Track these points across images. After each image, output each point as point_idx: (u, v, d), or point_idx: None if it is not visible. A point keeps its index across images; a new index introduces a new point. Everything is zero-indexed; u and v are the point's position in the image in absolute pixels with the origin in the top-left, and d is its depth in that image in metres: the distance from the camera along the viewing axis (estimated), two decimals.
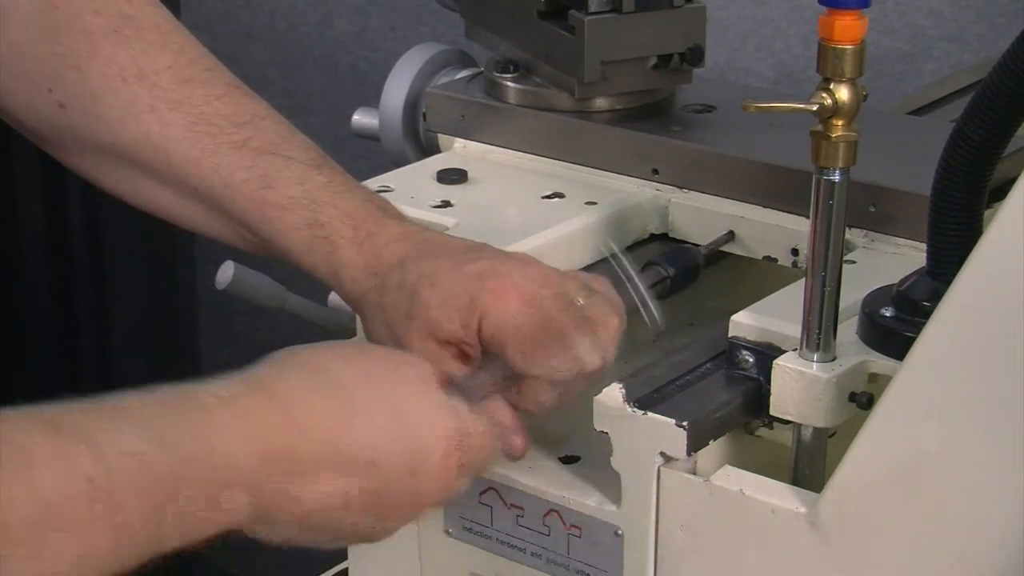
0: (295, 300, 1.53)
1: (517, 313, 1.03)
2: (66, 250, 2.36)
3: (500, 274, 1.04)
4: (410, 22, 2.28)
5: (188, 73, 1.14)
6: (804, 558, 0.98)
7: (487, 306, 1.03)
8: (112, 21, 1.14)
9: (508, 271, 1.04)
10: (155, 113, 1.13)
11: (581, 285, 1.06)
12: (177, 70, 1.13)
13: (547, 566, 1.10)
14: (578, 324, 1.03)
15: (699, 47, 1.32)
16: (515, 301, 1.03)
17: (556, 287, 1.04)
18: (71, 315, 2.39)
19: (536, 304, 1.03)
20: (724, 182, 1.26)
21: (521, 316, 1.02)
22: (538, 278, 1.05)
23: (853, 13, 0.93)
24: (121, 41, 1.13)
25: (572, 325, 1.03)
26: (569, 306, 1.04)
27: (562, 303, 1.03)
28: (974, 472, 0.90)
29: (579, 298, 1.05)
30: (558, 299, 1.04)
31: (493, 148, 1.37)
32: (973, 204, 0.98)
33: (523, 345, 1.02)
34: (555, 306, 1.03)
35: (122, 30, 1.13)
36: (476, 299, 1.03)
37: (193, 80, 1.14)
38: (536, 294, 1.03)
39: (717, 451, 1.04)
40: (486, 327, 1.03)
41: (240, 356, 1.00)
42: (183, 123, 1.12)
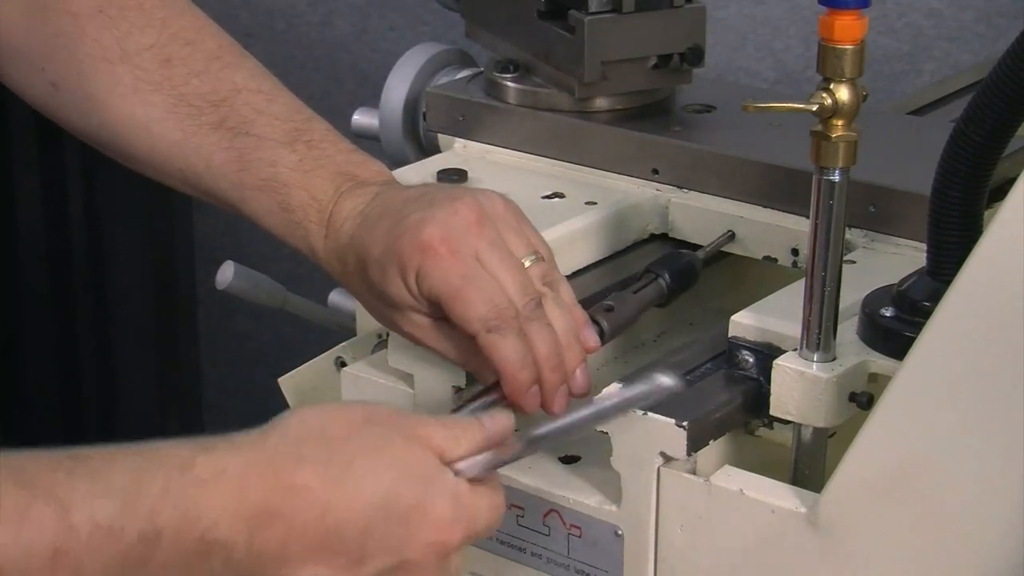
0: (295, 300, 1.53)
1: (446, 269, 1.00)
2: (66, 250, 2.36)
3: (427, 225, 1.01)
4: (410, 22, 2.28)
5: (168, 51, 1.14)
6: (804, 558, 0.98)
7: (417, 264, 1.01)
8: (97, 1, 1.15)
9: (438, 221, 1.01)
10: (138, 94, 1.14)
11: (531, 250, 1.04)
12: (158, 48, 1.14)
13: (547, 566, 1.10)
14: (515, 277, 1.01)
15: (699, 47, 1.32)
16: (444, 256, 1.01)
17: (491, 236, 1.02)
18: (71, 315, 2.39)
19: (467, 255, 1.01)
20: (724, 182, 1.26)
21: (449, 270, 1.00)
22: (471, 226, 1.02)
23: (853, 13, 0.93)
24: (106, 22, 1.14)
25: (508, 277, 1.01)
26: (507, 259, 1.02)
27: (500, 256, 1.02)
28: (974, 472, 0.90)
29: (525, 260, 1.03)
30: (495, 249, 1.02)
31: (493, 148, 1.37)
32: (973, 204, 0.98)
33: (454, 301, 1.00)
34: (491, 260, 1.01)
35: (106, 10, 1.14)
36: (406, 261, 1.01)
37: (173, 58, 1.14)
38: (468, 245, 1.01)
39: (717, 451, 1.04)
40: (421, 286, 1.01)
41: (240, 356, 1.00)
42: (164, 105, 1.13)
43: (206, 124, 1.12)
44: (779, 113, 0.99)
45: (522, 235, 1.05)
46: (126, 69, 1.14)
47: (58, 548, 0.81)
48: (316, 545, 0.89)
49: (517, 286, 1.02)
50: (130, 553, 0.83)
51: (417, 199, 1.05)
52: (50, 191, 2.32)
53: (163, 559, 0.84)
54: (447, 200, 1.04)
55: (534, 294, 1.03)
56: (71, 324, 2.39)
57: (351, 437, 0.91)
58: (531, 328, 1.02)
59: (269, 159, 1.11)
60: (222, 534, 0.86)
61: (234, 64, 1.16)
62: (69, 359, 2.41)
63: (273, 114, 1.13)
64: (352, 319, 1.32)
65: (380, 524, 0.90)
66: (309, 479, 0.88)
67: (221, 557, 0.86)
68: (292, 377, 1.33)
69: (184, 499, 0.85)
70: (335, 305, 1.48)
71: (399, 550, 0.91)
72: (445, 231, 1.01)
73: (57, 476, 0.83)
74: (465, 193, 1.05)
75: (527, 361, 1.01)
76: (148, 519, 0.84)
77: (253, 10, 2.38)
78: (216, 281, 1.48)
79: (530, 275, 1.04)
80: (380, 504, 0.89)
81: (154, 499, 0.84)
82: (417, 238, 1.01)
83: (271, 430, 0.91)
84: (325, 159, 1.11)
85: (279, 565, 0.88)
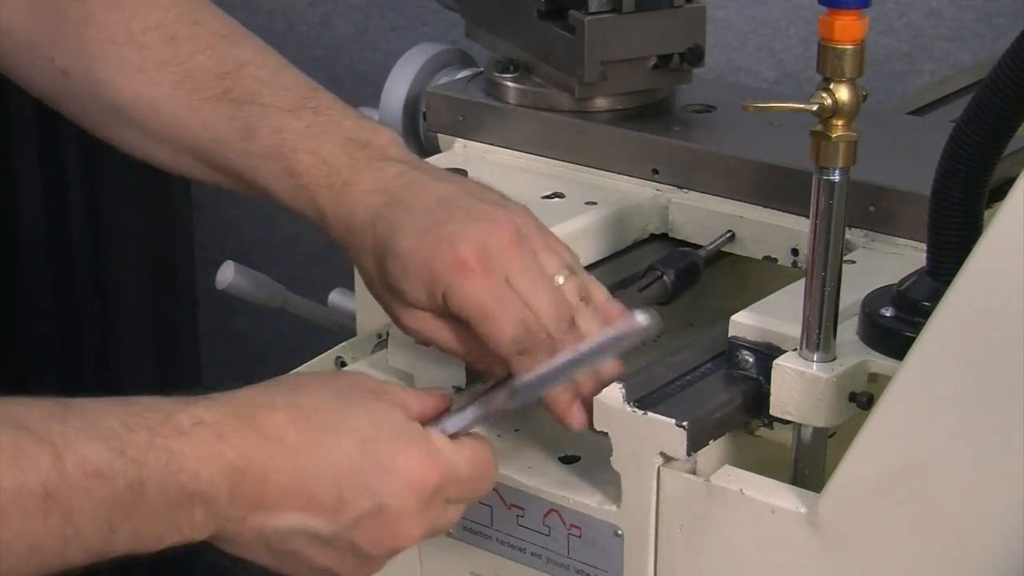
0: (295, 300, 1.53)
1: (479, 288, 1.00)
2: (66, 250, 2.36)
3: (463, 242, 1.00)
4: (410, 22, 2.28)
5: (174, 30, 1.14)
6: (804, 558, 0.98)
7: (448, 280, 1.00)
8: None
9: (473, 238, 1.01)
10: (145, 74, 1.14)
11: (563, 265, 1.04)
12: (164, 28, 1.14)
13: (547, 566, 1.10)
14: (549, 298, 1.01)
15: (699, 47, 1.32)
16: (477, 276, 1.00)
17: (526, 257, 1.01)
18: (71, 315, 2.39)
19: (500, 275, 1.00)
20: (724, 182, 1.26)
21: (482, 290, 1.00)
22: (507, 247, 1.01)
23: (853, 13, 0.93)
24: (113, 5, 1.15)
25: (542, 299, 1.00)
26: (541, 280, 1.01)
27: (533, 277, 1.01)
28: (974, 472, 0.90)
29: (559, 276, 1.03)
30: (528, 271, 1.01)
31: (493, 148, 1.37)
32: (973, 204, 0.98)
33: (486, 322, 1.00)
34: (523, 281, 1.01)
35: None
36: (437, 274, 1.00)
37: (178, 36, 1.14)
38: (502, 266, 1.00)
39: (717, 451, 1.04)
40: (450, 302, 1.01)
41: (240, 356, 1.00)
42: (171, 82, 1.13)
43: (211, 97, 1.12)
44: (779, 113, 0.99)
45: (553, 251, 1.05)
46: (132, 50, 1.14)
47: (49, 491, 0.84)
48: (291, 492, 0.92)
49: (550, 308, 1.01)
50: (118, 500, 0.86)
51: (451, 203, 1.04)
52: (50, 190, 2.32)
53: (149, 508, 0.87)
54: (483, 217, 1.02)
55: (566, 314, 1.02)
56: (71, 324, 2.39)
57: (321, 390, 0.95)
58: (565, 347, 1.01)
59: (275, 125, 1.10)
60: (203, 485, 0.89)
61: (240, 42, 1.16)
62: (69, 359, 2.40)
63: (279, 85, 1.13)
64: (352, 319, 1.32)
65: (354, 470, 0.93)
66: (281, 428, 0.92)
67: (203, 507, 0.90)
68: None
69: (166, 451, 0.88)
70: (335, 305, 1.48)
71: (375, 495, 0.93)
72: (481, 250, 1.00)
73: (50, 424, 0.86)
74: (499, 209, 1.04)
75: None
76: (135, 468, 0.87)
77: (253, 10, 2.38)
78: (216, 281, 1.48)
79: (564, 292, 1.03)
80: (353, 450, 0.93)
81: (139, 449, 0.87)
82: (453, 254, 1.00)
83: (246, 388, 0.94)
84: (333, 124, 1.10)
85: (258, 512, 0.91)
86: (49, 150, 2.29)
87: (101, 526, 0.86)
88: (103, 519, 0.86)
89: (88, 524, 0.86)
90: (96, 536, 0.86)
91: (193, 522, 0.90)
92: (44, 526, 0.84)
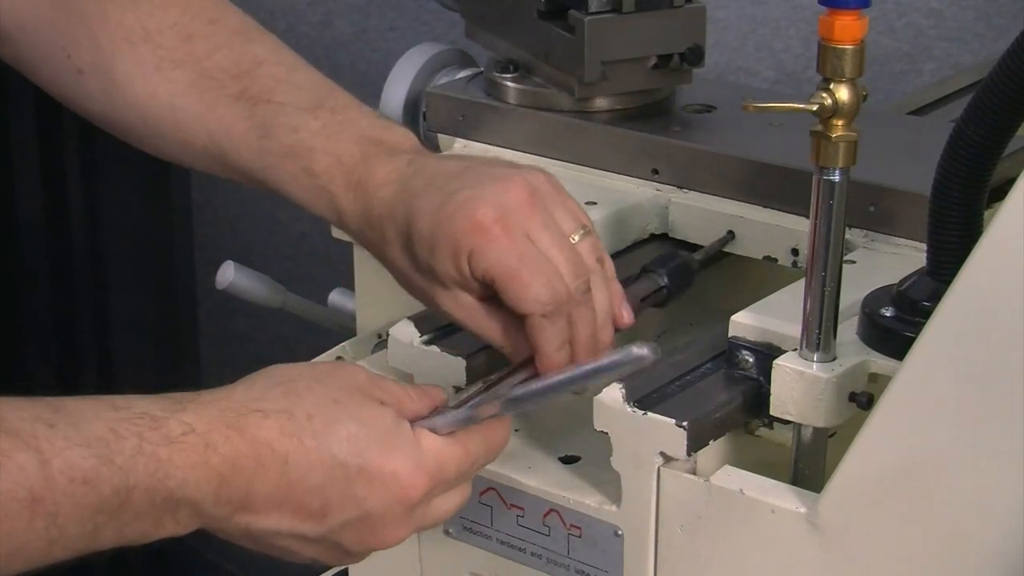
0: (295, 300, 1.53)
1: (502, 250, 0.99)
2: (66, 250, 2.36)
3: (479, 205, 1.00)
4: (410, 22, 2.28)
5: (191, 28, 1.14)
6: (804, 558, 0.98)
7: (470, 245, 0.99)
8: None
9: (489, 200, 1.00)
10: (160, 72, 1.14)
11: (579, 225, 1.03)
12: (181, 27, 1.14)
13: (547, 566, 1.10)
14: (568, 257, 1.00)
15: (699, 47, 1.32)
16: (498, 236, 0.99)
17: (543, 216, 1.01)
18: (71, 315, 2.39)
19: (521, 235, 0.99)
20: (724, 182, 1.26)
21: (505, 251, 0.99)
22: (524, 206, 1.00)
23: (853, 13, 0.93)
24: (129, 4, 1.15)
25: (562, 259, 1.00)
26: (560, 240, 1.01)
27: (553, 236, 1.01)
28: (974, 472, 0.90)
29: (574, 235, 1.02)
30: (547, 230, 1.01)
31: (493, 148, 1.37)
32: (973, 204, 0.98)
33: (511, 283, 0.99)
34: (544, 239, 1.00)
35: None
36: (459, 241, 0.99)
37: (195, 35, 1.14)
38: (521, 226, 1.00)
39: (717, 451, 1.04)
40: (475, 267, 1.00)
41: (240, 356, 1.00)
42: (186, 80, 1.13)
43: (228, 95, 1.12)
44: (779, 113, 0.99)
45: (569, 210, 1.04)
46: (148, 48, 1.14)
47: (36, 496, 0.85)
48: (278, 497, 0.92)
49: (570, 268, 1.00)
50: (104, 505, 0.87)
51: (462, 174, 1.03)
52: (50, 190, 2.32)
53: (134, 511, 0.88)
54: (497, 178, 1.02)
55: (585, 275, 1.01)
56: (71, 324, 2.39)
57: (313, 392, 0.95)
58: (577, 312, 1.01)
59: (292, 125, 1.09)
60: (190, 492, 0.90)
61: (256, 40, 1.16)
62: (69, 359, 2.41)
63: (295, 83, 1.12)
64: (352, 319, 1.32)
65: (339, 478, 0.93)
66: (270, 434, 0.92)
67: (188, 509, 0.90)
68: None
69: (155, 458, 0.88)
70: (335, 305, 1.48)
71: (360, 503, 0.93)
72: (498, 211, 0.99)
73: (38, 428, 0.86)
74: (511, 170, 1.04)
75: (564, 342, 1.01)
76: (122, 474, 0.87)
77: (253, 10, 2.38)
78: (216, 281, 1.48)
79: (580, 251, 1.02)
80: (339, 459, 0.93)
81: (127, 456, 0.88)
82: (471, 218, 0.99)
83: (239, 385, 0.95)
84: (349, 123, 1.10)
85: (243, 513, 0.92)
86: (49, 150, 2.29)
87: (86, 528, 0.87)
88: (88, 521, 0.87)
89: (73, 527, 0.86)
90: (80, 537, 0.87)
91: (177, 521, 0.90)
92: (30, 529, 0.85)
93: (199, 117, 1.13)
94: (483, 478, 1.10)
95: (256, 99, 1.11)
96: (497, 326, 1.03)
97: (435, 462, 0.95)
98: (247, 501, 0.91)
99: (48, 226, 2.34)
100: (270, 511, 0.92)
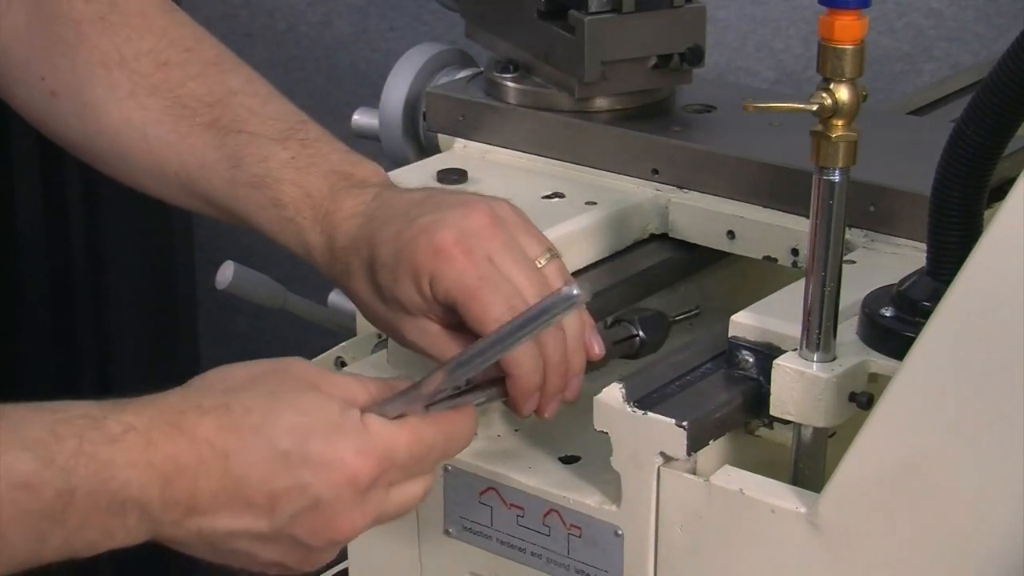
0: (295, 300, 1.53)
1: (461, 271, 0.99)
2: (66, 250, 2.36)
3: (439, 228, 1.00)
4: (410, 22, 2.28)
5: (166, 56, 1.14)
6: (804, 558, 0.98)
7: (431, 268, 0.99)
8: (99, 8, 1.15)
9: (449, 223, 1.00)
10: (135, 99, 1.13)
11: (544, 249, 1.03)
12: (156, 54, 1.14)
13: (547, 566, 1.10)
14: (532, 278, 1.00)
15: (699, 47, 1.32)
16: (458, 258, 0.99)
17: (505, 238, 1.01)
18: (71, 315, 2.39)
19: (482, 257, 0.99)
20: (724, 182, 1.26)
21: (465, 272, 0.99)
22: (485, 229, 1.00)
23: (853, 13, 0.93)
24: (107, 28, 1.14)
25: (524, 280, 0.99)
26: (523, 261, 1.01)
27: (515, 258, 1.00)
28: (974, 472, 0.90)
29: (540, 259, 1.02)
30: (509, 252, 1.00)
31: (493, 148, 1.37)
32: (973, 204, 0.98)
33: (472, 303, 0.98)
34: (507, 261, 1.00)
35: (108, 17, 1.14)
36: (419, 265, 1.00)
37: (170, 63, 1.14)
38: (482, 248, 1.00)
39: (717, 451, 1.04)
40: (436, 290, 1.00)
41: (240, 356, 1.00)
42: (160, 107, 1.13)
43: (200, 124, 1.12)
44: (779, 113, 0.99)
45: (533, 236, 1.04)
46: (123, 74, 1.14)
47: None
48: (224, 495, 0.91)
49: (534, 289, 1.00)
50: (46, 510, 0.85)
51: (424, 201, 1.04)
52: (50, 191, 2.31)
53: (80, 517, 0.87)
54: (458, 204, 1.03)
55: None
56: (71, 324, 2.39)
57: (252, 387, 0.94)
58: (546, 333, 1.00)
59: (261, 155, 1.10)
60: (133, 492, 0.88)
61: (231, 70, 1.15)
62: (69, 359, 2.40)
63: (267, 114, 1.13)
64: (352, 319, 1.32)
65: (283, 469, 0.91)
66: (210, 431, 0.90)
67: (136, 513, 0.89)
68: None
69: (95, 458, 0.87)
70: (335, 305, 1.48)
71: (307, 491, 0.92)
72: (458, 233, 1.00)
73: None
74: (473, 197, 1.05)
75: (537, 365, 1.00)
76: (64, 476, 0.86)
77: (253, 10, 2.39)
78: (216, 281, 1.48)
79: (546, 274, 1.03)
80: (280, 449, 0.91)
81: (67, 457, 0.86)
82: (431, 241, 1.00)
83: (176, 388, 0.94)
84: (319, 157, 1.10)
85: (192, 516, 0.90)
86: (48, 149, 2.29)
87: (29, 536, 0.86)
88: (31, 529, 0.85)
89: (16, 534, 0.85)
90: (24, 546, 0.86)
91: (127, 528, 0.89)
92: None
93: (172, 144, 1.12)
94: (483, 478, 1.10)
95: (227, 128, 1.11)
96: (455, 347, 1.02)
97: (383, 445, 0.93)
98: (194, 502, 0.90)
99: (48, 226, 2.33)
100: (218, 511, 0.91)
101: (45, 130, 1.18)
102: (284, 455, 0.91)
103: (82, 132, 1.16)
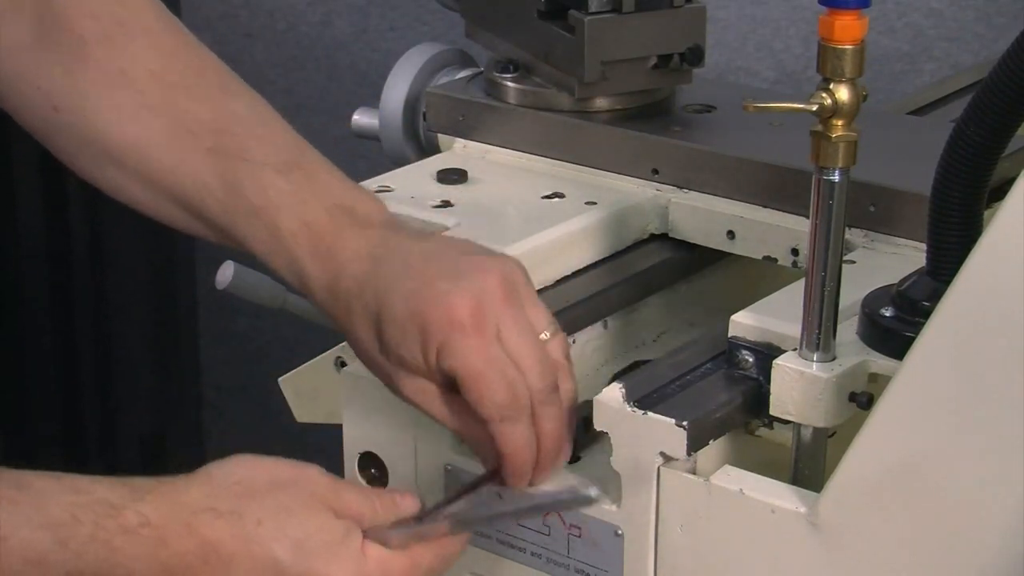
0: (295, 300, 1.52)
1: (470, 349, 0.99)
2: (66, 251, 2.36)
3: (455, 297, 1.00)
4: (410, 22, 2.28)
5: (173, 78, 1.13)
6: (804, 558, 0.98)
7: (442, 338, 1.00)
8: (105, 26, 1.14)
9: (465, 291, 1.00)
10: (138, 120, 1.13)
11: (549, 320, 1.03)
12: (162, 75, 1.13)
13: (547, 566, 1.10)
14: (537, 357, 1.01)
15: (699, 47, 1.32)
16: (471, 335, 0.99)
17: (515, 311, 1.01)
18: (71, 315, 2.39)
19: (492, 332, 1.00)
20: (724, 182, 1.26)
21: (474, 351, 0.99)
22: (498, 301, 1.01)
23: (853, 13, 0.93)
24: (112, 46, 1.13)
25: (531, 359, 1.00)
26: (531, 339, 1.01)
27: (523, 334, 1.01)
28: (973, 472, 0.90)
29: (545, 332, 1.03)
30: (518, 326, 1.01)
31: (493, 148, 1.37)
32: (973, 204, 0.98)
33: (474, 384, 0.99)
34: (514, 336, 1.00)
35: (114, 36, 1.13)
36: (431, 333, 1.00)
37: (176, 85, 1.13)
38: (494, 321, 1.00)
39: (717, 451, 1.04)
40: (442, 360, 1.00)
41: (240, 356, 1.00)
42: (163, 129, 1.12)
43: (202, 149, 1.11)
44: (779, 113, 0.99)
45: (540, 307, 1.04)
46: (128, 94, 1.13)
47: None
48: None
49: (539, 368, 1.01)
50: None
51: (437, 256, 1.04)
52: (50, 191, 2.32)
53: None
54: (474, 269, 1.02)
55: (552, 377, 1.01)
56: (71, 324, 2.39)
57: (268, 497, 0.97)
58: (543, 412, 1.01)
59: (261, 184, 1.09)
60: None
61: (237, 95, 1.15)
62: (69, 359, 2.41)
63: (270, 142, 1.12)
64: None
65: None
66: (221, 534, 0.95)
67: None
68: (292, 377, 1.33)
69: (108, 546, 0.92)
70: None
71: None
72: (474, 305, 1.00)
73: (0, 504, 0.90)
74: (487, 258, 1.04)
75: (532, 446, 1.01)
76: (75, 560, 0.91)
77: (253, 10, 2.39)
78: (216, 281, 1.47)
79: (549, 350, 1.02)
80: (282, 564, 0.96)
81: (82, 541, 0.91)
82: (447, 312, 0.99)
83: (196, 478, 0.97)
84: (320, 188, 1.09)
85: None
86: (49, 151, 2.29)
87: None
88: None
89: None
90: None
91: None
92: None
93: (172, 166, 1.12)
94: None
95: (229, 154, 1.11)
96: (455, 416, 1.03)
97: (379, 571, 0.98)
98: None
99: (48, 226, 2.33)
100: None
101: (46, 144, 1.18)
102: (282, 572, 0.96)
103: (82, 147, 1.15)
